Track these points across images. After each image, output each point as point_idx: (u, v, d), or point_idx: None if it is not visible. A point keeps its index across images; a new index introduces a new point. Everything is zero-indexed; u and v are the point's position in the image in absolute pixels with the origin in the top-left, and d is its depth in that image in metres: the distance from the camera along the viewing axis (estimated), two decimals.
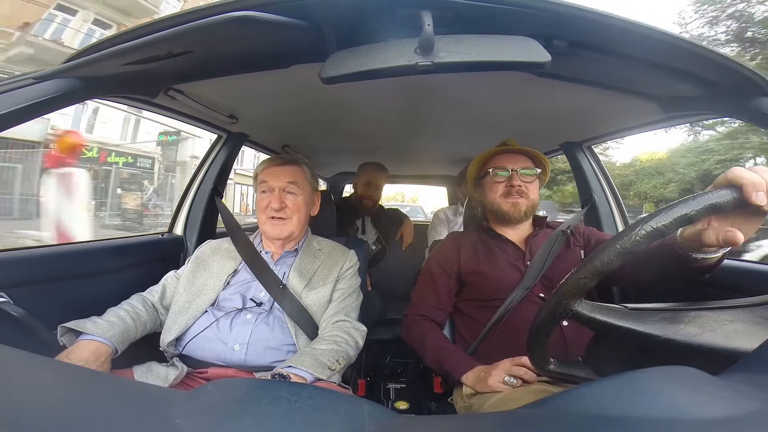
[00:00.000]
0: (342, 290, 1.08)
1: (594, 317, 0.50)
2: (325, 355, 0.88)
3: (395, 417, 0.34)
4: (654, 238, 0.46)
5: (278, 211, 1.02)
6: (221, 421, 0.30)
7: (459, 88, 1.08)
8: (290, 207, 1.04)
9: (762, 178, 0.47)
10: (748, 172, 0.48)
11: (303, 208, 1.07)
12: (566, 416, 0.34)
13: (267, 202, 1.03)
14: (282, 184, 1.03)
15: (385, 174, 2.18)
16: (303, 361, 0.84)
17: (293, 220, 1.05)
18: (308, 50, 0.70)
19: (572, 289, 0.50)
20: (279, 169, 1.05)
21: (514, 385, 0.84)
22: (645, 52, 0.66)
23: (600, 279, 0.48)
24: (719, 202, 0.47)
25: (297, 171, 1.07)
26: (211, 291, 0.99)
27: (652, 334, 0.48)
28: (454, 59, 0.55)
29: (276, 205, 1.02)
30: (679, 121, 1.11)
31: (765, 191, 0.47)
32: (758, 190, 0.47)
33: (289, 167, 1.06)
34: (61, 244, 1.13)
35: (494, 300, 1.04)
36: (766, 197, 0.47)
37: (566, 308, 0.51)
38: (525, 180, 1.09)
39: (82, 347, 0.78)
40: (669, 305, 0.52)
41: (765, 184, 0.47)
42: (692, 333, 0.48)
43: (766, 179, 0.47)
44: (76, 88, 0.67)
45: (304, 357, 0.86)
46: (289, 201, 1.04)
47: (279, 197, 1.03)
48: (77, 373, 0.42)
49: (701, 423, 0.30)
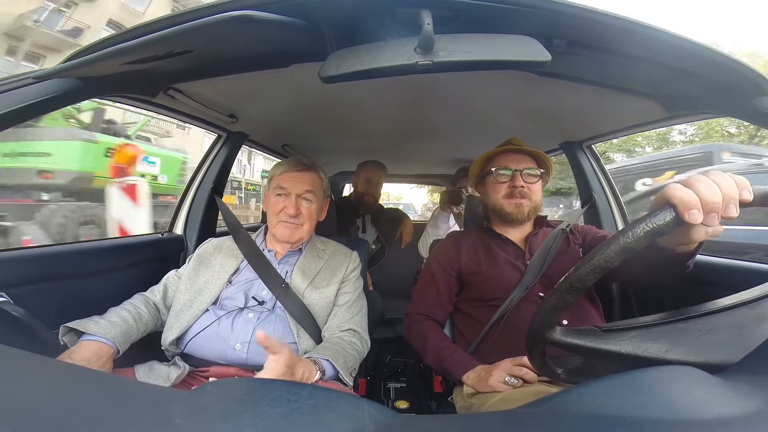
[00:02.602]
0: (349, 294, 1.08)
1: (570, 342, 0.52)
2: (351, 359, 0.93)
3: (395, 416, 0.34)
4: (603, 271, 0.45)
5: (293, 218, 1.03)
6: (221, 421, 0.30)
7: (459, 87, 1.08)
8: (304, 214, 1.05)
9: (694, 194, 0.44)
10: (680, 190, 0.45)
11: (315, 215, 1.09)
12: (566, 416, 0.34)
13: (282, 207, 1.04)
14: (300, 191, 1.04)
15: (384, 171, 2.18)
16: (338, 359, 0.87)
17: (305, 227, 1.06)
18: (308, 49, 0.70)
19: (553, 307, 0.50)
20: (298, 176, 1.05)
21: (515, 385, 0.84)
22: (645, 52, 0.66)
23: (578, 294, 0.48)
24: (659, 225, 0.44)
25: (315, 179, 1.08)
26: (213, 289, 0.99)
27: (624, 353, 0.48)
28: (453, 58, 0.55)
29: (292, 211, 1.02)
30: (679, 121, 1.11)
31: (699, 208, 0.43)
32: (690, 209, 0.43)
33: (308, 174, 1.07)
34: (61, 244, 1.13)
35: (495, 299, 1.04)
36: (701, 213, 0.43)
37: (543, 337, 0.52)
38: (528, 181, 1.08)
39: (84, 347, 0.78)
40: (641, 321, 0.52)
41: (697, 200, 0.44)
42: (663, 349, 0.47)
43: (700, 193, 0.44)
44: (75, 87, 0.67)
45: (338, 355, 0.89)
46: (303, 208, 1.05)
47: (295, 203, 1.03)
48: (78, 373, 0.42)
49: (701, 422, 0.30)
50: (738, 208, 0.44)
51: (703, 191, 0.44)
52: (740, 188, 0.45)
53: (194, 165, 1.70)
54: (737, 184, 0.45)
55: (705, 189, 0.44)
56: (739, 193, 0.44)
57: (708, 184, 0.45)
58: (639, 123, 1.22)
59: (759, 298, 0.50)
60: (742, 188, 0.45)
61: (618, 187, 1.54)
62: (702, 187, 0.44)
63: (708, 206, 0.44)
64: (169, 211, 4.69)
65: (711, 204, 0.44)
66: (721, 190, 0.44)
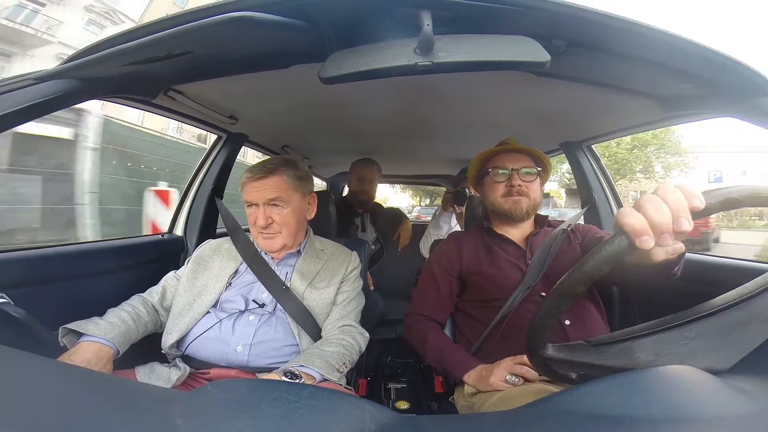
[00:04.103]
0: (347, 293, 1.08)
1: (562, 358, 0.54)
2: (334, 357, 0.89)
3: (396, 417, 0.34)
4: (573, 297, 0.46)
5: (265, 228, 0.99)
6: (221, 422, 0.30)
7: (458, 88, 1.08)
8: (277, 221, 0.99)
9: (643, 218, 0.42)
10: (629, 216, 0.43)
11: (292, 220, 1.02)
12: (567, 415, 0.34)
13: (254, 219, 1.00)
14: (264, 200, 0.98)
15: (376, 168, 2.16)
16: (314, 361, 0.84)
17: (283, 234, 1.01)
18: (308, 50, 0.70)
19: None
20: (259, 184, 0.98)
21: (516, 383, 0.84)
22: (644, 52, 0.66)
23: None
24: (616, 252, 0.43)
25: (278, 183, 0.99)
26: (213, 292, 0.99)
27: (610, 367, 0.49)
28: (453, 59, 0.55)
29: (262, 222, 0.98)
30: (679, 121, 1.11)
31: (648, 233, 0.42)
32: (641, 236, 0.42)
33: (270, 180, 0.98)
34: (61, 245, 1.13)
35: (496, 300, 1.04)
36: (652, 238, 0.42)
37: (538, 354, 0.55)
38: (526, 179, 1.08)
39: (84, 349, 0.78)
40: (628, 332, 0.52)
41: (646, 224, 0.42)
42: (648, 360, 0.48)
43: (648, 215, 0.42)
44: (75, 88, 0.67)
45: (314, 357, 0.86)
46: (275, 215, 0.99)
47: (264, 213, 0.98)
48: (78, 374, 0.42)
49: (701, 422, 0.30)
50: (690, 221, 0.42)
51: (651, 213, 0.42)
52: (690, 198, 0.42)
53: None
54: (686, 194, 0.43)
55: (653, 211, 0.43)
56: (690, 203, 0.42)
57: (655, 204, 0.43)
58: (639, 123, 1.23)
59: (741, 300, 0.49)
60: (691, 198, 0.42)
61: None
62: (650, 209, 0.43)
63: (657, 228, 0.42)
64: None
65: (660, 226, 0.42)
66: (669, 206, 0.43)
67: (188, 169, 1.87)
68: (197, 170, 1.56)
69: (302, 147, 2.02)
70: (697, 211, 0.42)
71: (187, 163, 5.71)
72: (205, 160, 1.55)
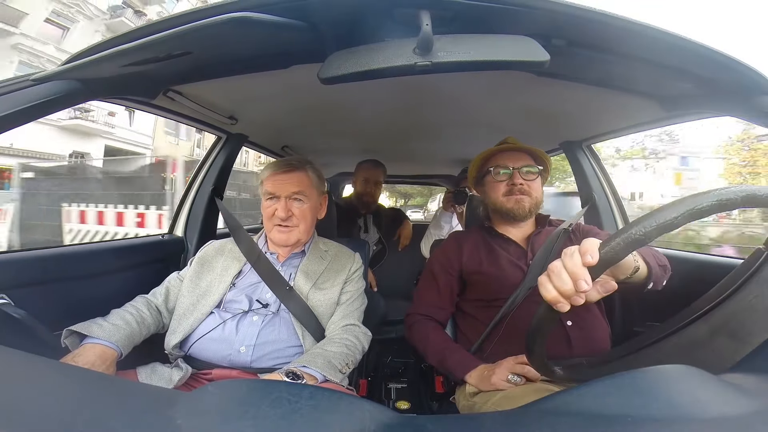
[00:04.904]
0: (350, 293, 1.08)
1: (566, 375, 0.62)
2: (337, 357, 0.89)
3: (396, 417, 0.34)
4: (543, 332, 0.54)
5: (285, 220, 1.02)
6: (222, 422, 0.30)
7: (458, 87, 1.08)
8: (297, 215, 1.03)
9: (554, 290, 0.48)
10: (543, 288, 0.49)
11: (309, 215, 1.06)
12: (568, 415, 0.34)
13: (273, 211, 1.02)
14: (288, 192, 1.02)
15: (382, 170, 2.17)
16: (316, 362, 0.84)
17: (300, 228, 1.04)
18: (307, 51, 0.70)
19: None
20: (284, 177, 1.03)
21: (518, 383, 0.84)
22: (644, 51, 0.66)
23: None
24: (545, 315, 0.51)
25: (303, 178, 1.04)
26: (217, 293, 0.98)
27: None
28: (452, 59, 0.55)
29: (282, 214, 1.00)
30: (679, 120, 1.11)
31: (561, 300, 0.48)
32: (555, 304, 0.48)
33: (295, 174, 1.04)
34: (62, 246, 1.13)
35: (497, 300, 1.04)
36: (566, 303, 0.48)
37: (548, 368, 0.61)
38: (527, 178, 1.08)
39: (88, 351, 0.78)
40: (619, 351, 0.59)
41: (556, 294, 0.48)
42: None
43: (555, 285, 0.48)
44: (75, 89, 0.67)
45: (317, 357, 0.86)
46: (295, 209, 1.03)
47: (285, 206, 1.01)
48: (80, 375, 0.42)
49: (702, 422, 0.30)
50: (588, 280, 0.46)
51: (556, 284, 0.48)
52: (583, 255, 0.46)
53: None
54: (582, 252, 0.47)
55: (557, 281, 0.48)
56: (583, 262, 0.46)
57: (557, 274, 0.48)
58: (639, 123, 1.22)
59: (708, 309, 0.52)
60: (584, 254, 0.46)
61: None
62: (555, 280, 0.48)
63: (565, 294, 0.48)
64: None
65: (565, 293, 0.48)
66: (568, 272, 0.47)
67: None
68: (197, 171, 1.56)
69: (302, 147, 2.02)
70: (591, 266, 0.46)
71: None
72: (205, 161, 1.55)
